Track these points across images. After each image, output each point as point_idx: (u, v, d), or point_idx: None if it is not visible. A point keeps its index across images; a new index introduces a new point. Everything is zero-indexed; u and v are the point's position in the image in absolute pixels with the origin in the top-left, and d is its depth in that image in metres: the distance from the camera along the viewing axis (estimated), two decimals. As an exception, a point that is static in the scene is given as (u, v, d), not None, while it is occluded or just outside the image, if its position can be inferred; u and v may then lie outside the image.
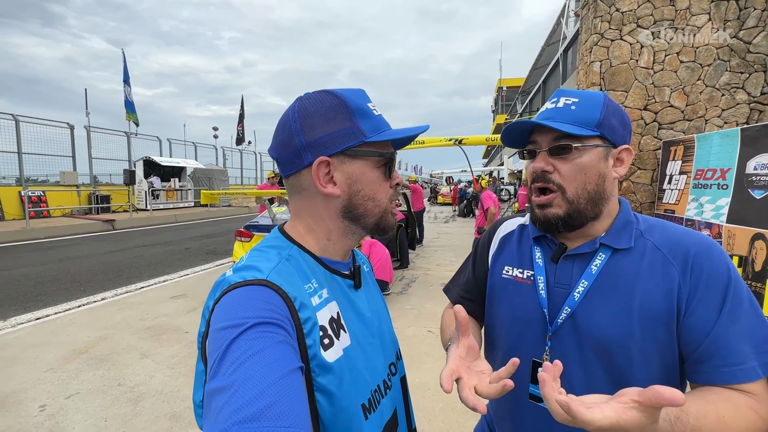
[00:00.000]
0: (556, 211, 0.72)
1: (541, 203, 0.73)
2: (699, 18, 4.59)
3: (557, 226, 0.72)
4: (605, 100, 0.72)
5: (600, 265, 0.72)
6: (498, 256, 0.86)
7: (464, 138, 5.02)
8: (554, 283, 0.75)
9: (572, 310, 0.71)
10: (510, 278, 0.82)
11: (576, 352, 0.70)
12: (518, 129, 0.77)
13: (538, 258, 0.79)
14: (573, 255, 0.75)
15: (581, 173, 0.70)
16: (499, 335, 0.83)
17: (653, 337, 0.66)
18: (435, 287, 5.49)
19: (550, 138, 0.72)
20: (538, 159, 0.74)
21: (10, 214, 11.84)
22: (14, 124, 12.00)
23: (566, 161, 0.70)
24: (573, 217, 0.71)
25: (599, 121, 0.70)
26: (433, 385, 2.83)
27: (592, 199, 0.71)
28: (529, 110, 18.33)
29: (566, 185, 0.71)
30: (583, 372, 0.70)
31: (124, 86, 15.06)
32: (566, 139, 0.70)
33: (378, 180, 0.64)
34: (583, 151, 0.70)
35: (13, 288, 5.25)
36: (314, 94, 0.63)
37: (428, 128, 0.70)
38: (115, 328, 3.94)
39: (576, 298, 0.71)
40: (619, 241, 0.72)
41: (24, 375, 2.98)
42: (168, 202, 16.64)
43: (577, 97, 0.72)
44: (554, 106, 0.73)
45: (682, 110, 4.72)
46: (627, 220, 0.74)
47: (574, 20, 12.15)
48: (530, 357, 0.75)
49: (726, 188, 3.46)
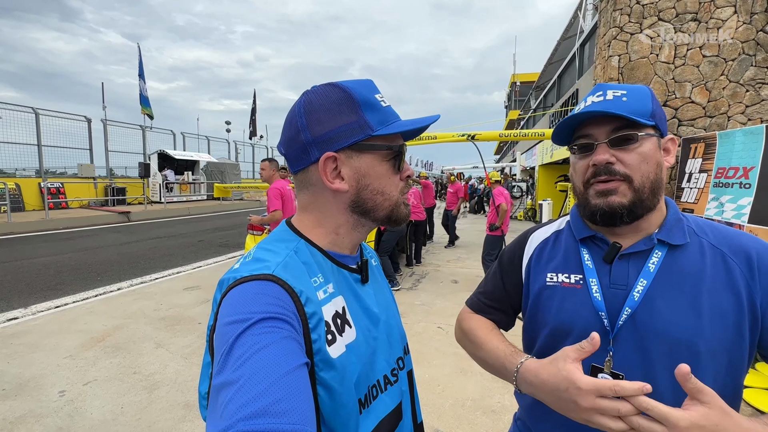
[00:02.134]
0: (621, 199, 0.69)
1: (607, 189, 0.70)
2: (724, 11, 4.43)
3: (622, 216, 0.69)
4: (651, 92, 0.72)
5: (657, 263, 0.69)
6: (537, 264, 0.82)
7: (477, 133, 4.96)
8: (609, 284, 0.72)
9: (632, 310, 0.68)
10: (556, 284, 0.77)
11: (638, 355, 0.68)
12: (571, 123, 0.74)
13: (587, 260, 0.75)
14: (628, 254, 0.72)
15: (644, 162, 0.68)
16: (548, 345, 0.77)
17: (722, 335, 0.65)
18: (445, 283, 5.47)
19: (608, 129, 0.70)
20: (598, 151, 0.70)
21: (30, 205, 12.19)
22: (34, 117, 12.32)
23: (629, 151, 0.69)
24: (637, 206, 0.69)
25: (652, 110, 0.69)
26: (443, 381, 2.83)
27: (653, 189, 0.70)
28: (543, 106, 18.03)
29: (633, 175, 0.69)
30: (644, 375, 0.67)
31: (139, 81, 15.31)
32: (628, 128, 0.68)
33: (387, 173, 0.63)
34: (643, 140, 0.69)
35: (34, 277, 5.41)
36: (320, 88, 0.62)
37: (438, 118, 0.67)
38: (131, 317, 4.03)
39: (636, 298, 0.68)
40: (674, 237, 0.70)
41: (44, 361, 3.08)
42: (181, 195, 16.91)
43: (625, 90, 0.71)
44: (602, 99, 0.71)
45: (703, 106, 4.59)
46: (678, 217, 0.73)
47: (592, 13, 11.87)
48: (589, 363, 0.69)
49: (749, 187, 3.35)
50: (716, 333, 0.64)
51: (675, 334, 0.65)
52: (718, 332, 0.64)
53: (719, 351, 0.64)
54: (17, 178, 12.40)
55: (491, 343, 0.79)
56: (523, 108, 26.42)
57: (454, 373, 2.97)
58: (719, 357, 0.64)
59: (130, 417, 2.40)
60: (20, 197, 11.89)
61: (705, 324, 0.65)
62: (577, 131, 0.75)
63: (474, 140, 4.95)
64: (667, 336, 0.66)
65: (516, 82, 29.53)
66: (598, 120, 0.71)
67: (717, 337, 0.64)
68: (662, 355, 0.66)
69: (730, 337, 0.64)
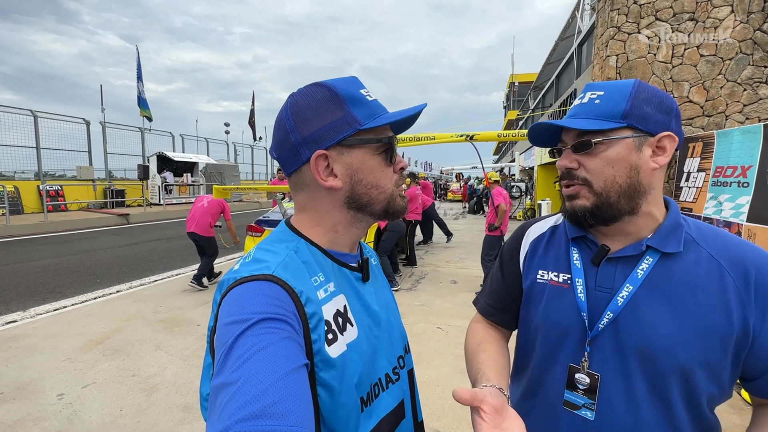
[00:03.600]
0: (583, 202, 0.70)
1: (567, 194, 0.73)
2: (721, 10, 4.44)
3: (585, 218, 0.70)
4: (634, 89, 0.68)
5: (647, 270, 0.68)
6: (531, 260, 0.83)
7: (476, 134, 4.96)
8: (595, 286, 0.72)
9: (615, 315, 0.68)
10: (545, 282, 0.78)
11: (616, 360, 0.68)
12: (543, 130, 0.76)
13: (576, 260, 0.76)
14: (616, 258, 0.71)
15: (609, 167, 0.67)
16: (535, 340, 0.79)
17: (705, 351, 0.63)
18: (444, 284, 5.47)
19: (574, 135, 0.71)
20: (562, 156, 0.73)
21: (29, 207, 12.16)
22: (33, 120, 12.30)
23: (591, 156, 0.68)
24: (602, 209, 0.68)
25: (625, 111, 0.67)
26: (442, 382, 2.83)
27: (625, 193, 0.67)
28: (542, 106, 18.05)
29: (593, 180, 0.69)
30: (623, 380, 0.67)
31: (137, 83, 15.28)
32: (587, 135, 0.68)
33: (380, 166, 0.63)
34: (608, 144, 0.67)
35: (33, 279, 5.40)
36: (305, 89, 0.62)
37: (426, 106, 0.67)
38: (130, 320, 4.02)
39: (619, 303, 0.68)
40: (667, 245, 0.68)
41: (43, 364, 3.07)
42: (180, 196, 16.89)
43: (603, 90, 0.70)
44: (580, 102, 0.72)
45: (701, 106, 4.59)
46: (677, 223, 0.71)
47: (589, 14, 11.90)
48: (567, 362, 0.72)
49: (747, 186, 3.36)
50: (698, 347, 0.63)
51: (655, 343, 0.65)
52: (700, 347, 0.63)
53: (700, 366, 0.63)
54: (16, 181, 12.37)
55: (472, 362, 0.81)
56: (522, 108, 26.46)
57: (453, 373, 2.96)
58: (699, 372, 0.63)
59: (129, 420, 2.40)
60: (19, 200, 11.87)
61: (688, 337, 0.63)
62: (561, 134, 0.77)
63: (472, 141, 4.95)
64: (646, 344, 0.65)
65: (514, 83, 29.57)
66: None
67: (699, 352, 0.63)
68: (640, 362, 0.66)
69: (713, 353, 0.63)
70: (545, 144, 0.80)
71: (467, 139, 4.97)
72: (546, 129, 0.76)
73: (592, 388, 0.69)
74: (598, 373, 0.68)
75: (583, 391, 0.69)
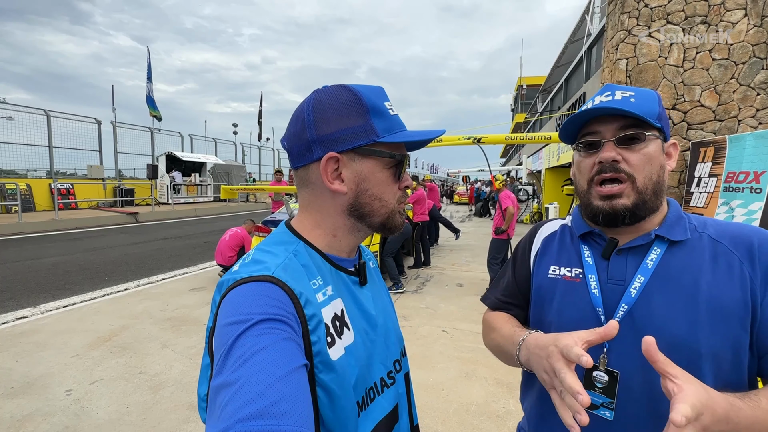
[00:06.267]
0: (625, 201, 0.69)
1: (611, 193, 0.70)
2: (734, 13, 4.38)
3: (624, 219, 0.69)
4: (658, 95, 0.72)
5: (656, 259, 0.69)
6: (542, 256, 0.83)
7: (483, 136, 4.94)
8: (607, 279, 0.72)
9: (629, 307, 0.68)
10: (558, 278, 0.78)
11: (636, 352, 0.65)
12: (579, 120, 0.74)
13: (587, 256, 0.76)
14: (626, 249, 0.72)
15: (649, 163, 0.68)
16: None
17: (724, 332, 0.62)
18: (450, 287, 5.45)
19: (616, 127, 0.70)
20: (605, 149, 0.70)
21: (40, 205, 12.37)
22: (45, 119, 12.51)
23: (634, 151, 0.68)
24: (640, 208, 0.69)
25: (659, 114, 0.69)
26: (447, 386, 2.81)
27: (655, 191, 0.69)
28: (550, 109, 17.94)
29: (636, 175, 0.68)
30: (643, 373, 0.65)
31: (147, 83, 15.48)
32: (635, 128, 0.68)
33: (387, 181, 0.63)
34: (649, 141, 0.69)
35: (43, 276, 5.48)
36: (331, 88, 0.62)
37: (444, 132, 0.68)
38: (137, 317, 4.07)
39: (633, 294, 0.68)
40: (674, 233, 0.70)
41: (52, 360, 3.11)
42: (188, 196, 17.06)
43: (633, 91, 0.71)
44: (611, 99, 0.70)
45: (713, 110, 4.53)
46: (679, 215, 0.73)
47: (599, 16, 11.81)
48: None
49: (760, 192, 3.31)
50: (717, 329, 0.63)
51: (673, 331, 0.64)
52: (719, 328, 0.63)
53: (721, 348, 0.63)
54: (28, 179, 12.61)
55: (505, 326, 0.82)
56: (530, 111, 26.31)
57: (458, 377, 2.95)
58: (722, 355, 0.63)
59: (135, 417, 2.42)
60: (31, 198, 12.08)
61: (704, 320, 0.63)
62: (583, 129, 0.75)
63: (480, 143, 4.93)
64: (665, 333, 0.64)
65: (523, 86, 29.45)
66: (606, 118, 0.71)
67: (718, 334, 0.63)
68: (661, 351, 0.65)
69: (733, 333, 0.62)
70: (568, 139, 0.78)
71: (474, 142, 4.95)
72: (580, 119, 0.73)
73: (610, 385, 0.67)
74: (617, 370, 0.66)
75: (601, 390, 0.68)
